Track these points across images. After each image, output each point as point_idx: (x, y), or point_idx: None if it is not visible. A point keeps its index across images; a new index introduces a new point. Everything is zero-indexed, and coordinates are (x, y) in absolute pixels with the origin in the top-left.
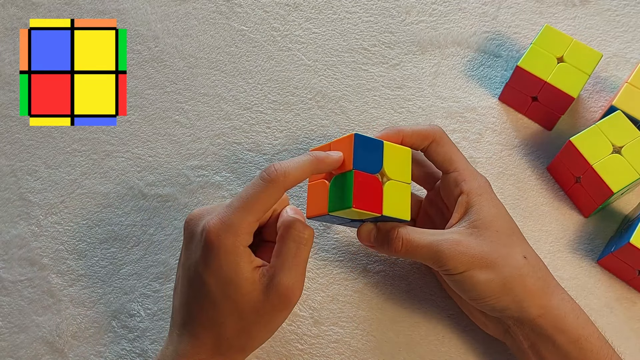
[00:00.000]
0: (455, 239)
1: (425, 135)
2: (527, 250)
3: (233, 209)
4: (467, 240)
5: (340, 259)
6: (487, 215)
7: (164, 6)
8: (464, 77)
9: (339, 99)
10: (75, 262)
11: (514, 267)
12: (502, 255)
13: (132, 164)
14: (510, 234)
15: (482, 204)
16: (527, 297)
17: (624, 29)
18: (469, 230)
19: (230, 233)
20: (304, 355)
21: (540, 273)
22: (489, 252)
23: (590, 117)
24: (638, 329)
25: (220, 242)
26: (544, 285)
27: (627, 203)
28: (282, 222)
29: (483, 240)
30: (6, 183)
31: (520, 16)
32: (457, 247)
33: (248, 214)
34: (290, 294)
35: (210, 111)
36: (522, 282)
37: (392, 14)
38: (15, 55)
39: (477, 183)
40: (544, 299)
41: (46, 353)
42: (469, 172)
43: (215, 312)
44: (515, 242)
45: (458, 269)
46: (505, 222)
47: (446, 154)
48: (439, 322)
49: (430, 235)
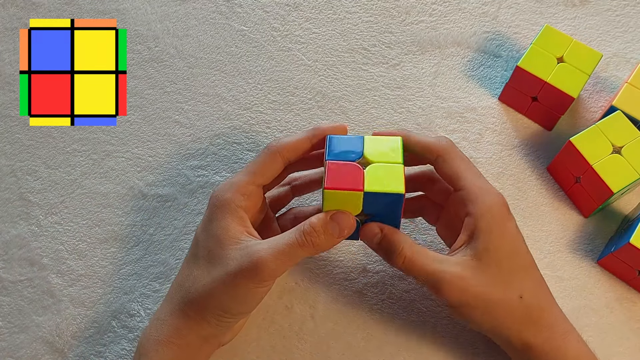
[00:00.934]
0: (458, 273)
1: (429, 148)
2: (526, 288)
3: (235, 174)
4: (468, 277)
5: (340, 259)
6: (492, 248)
7: (164, 6)
8: (464, 77)
9: (339, 99)
10: (75, 262)
11: (506, 308)
12: (497, 296)
13: (132, 164)
14: (512, 270)
15: (489, 233)
16: (513, 335)
17: (624, 29)
18: (472, 263)
19: (227, 191)
20: (304, 355)
21: (532, 312)
22: (486, 293)
23: (590, 117)
24: (638, 329)
25: (217, 200)
26: (534, 324)
27: (627, 203)
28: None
29: (483, 278)
30: (6, 183)
31: (520, 16)
32: (458, 282)
33: (245, 175)
34: (260, 264)
35: (210, 111)
36: (511, 321)
37: (392, 14)
38: (15, 55)
39: (486, 204)
40: (530, 336)
41: (46, 353)
42: (477, 191)
43: (191, 268)
44: (515, 280)
45: (454, 303)
46: (510, 256)
47: (453, 170)
48: (439, 322)
49: (433, 262)
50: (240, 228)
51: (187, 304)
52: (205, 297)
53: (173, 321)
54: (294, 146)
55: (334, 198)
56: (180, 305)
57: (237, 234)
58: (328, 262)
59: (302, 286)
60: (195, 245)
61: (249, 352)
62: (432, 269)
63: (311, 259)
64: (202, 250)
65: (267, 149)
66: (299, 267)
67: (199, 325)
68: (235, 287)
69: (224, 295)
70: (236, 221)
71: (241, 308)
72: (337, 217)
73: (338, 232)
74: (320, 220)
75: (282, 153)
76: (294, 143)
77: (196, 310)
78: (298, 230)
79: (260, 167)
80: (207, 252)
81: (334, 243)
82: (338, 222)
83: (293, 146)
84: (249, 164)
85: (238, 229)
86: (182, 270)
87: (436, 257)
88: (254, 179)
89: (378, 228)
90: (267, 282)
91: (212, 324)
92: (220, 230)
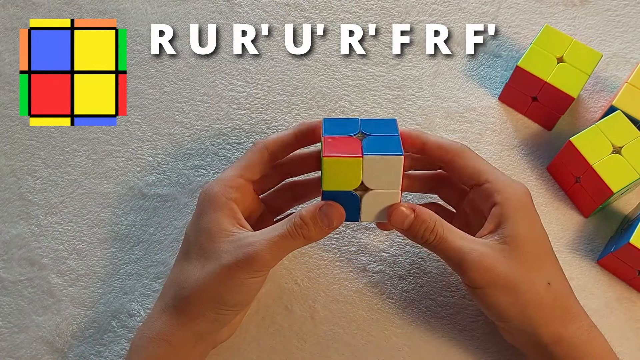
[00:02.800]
0: (484, 251)
1: (446, 148)
2: (553, 275)
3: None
4: (495, 257)
5: (340, 259)
6: (520, 233)
7: (164, 6)
8: (464, 77)
9: (339, 99)
10: (75, 262)
11: (535, 293)
12: (525, 280)
13: (132, 164)
14: (540, 257)
15: (516, 219)
16: (542, 324)
17: (624, 29)
18: (499, 246)
19: (215, 185)
20: (303, 355)
21: (561, 301)
22: (513, 275)
23: (590, 117)
24: (638, 329)
25: (206, 195)
26: (563, 313)
27: (627, 203)
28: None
29: (511, 260)
30: (6, 183)
31: (520, 16)
32: (483, 260)
33: (232, 170)
34: (255, 255)
35: (210, 111)
36: (541, 310)
37: (392, 14)
38: (15, 55)
39: (513, 194)
40: (560, 327)
41: (46, 353)
42: (503, 182)
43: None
44: (542, 266)
45: (478, 283)
46: (537, 242)
47: (474, 166)
48: (439, 322)
49: (460, 239)
50: (231, 220)
51: (181, 300)
52: (200, 292)
53: (165, 318)
54: (279, 140)
55: (333, 168)
56: (174, 302)
57: (228, 226)
58: (328, 262)
59: (302, 286)
60: (186, 242)
61: (249, 352)
62: (459, 245)
63: (311, 259)
64: (193, 247)
65: (254, 145)
66: (299, 267)
67: (192, 321)
68: (231, 279)
69: (219, 288)
70: (227, 214)
71: (238, 299)
72: (326, 209)
73: (327, 223)
74: (309, 213)
75: (269, 148)
76: (279, 138)
77: (190, 306)
78: (289, 221)
79: (247, 162)
80: (198, 247)
81: (326, 233)
82: (327, 214)
83: (279, 141)
84: (236, 161)
85: (229, 221)
86: (174, 268)
87: (464, 235)
88: (241, 172)
89: (409, 209)
90: (262, 272)
91: (208, 318)
92: (211, 224)
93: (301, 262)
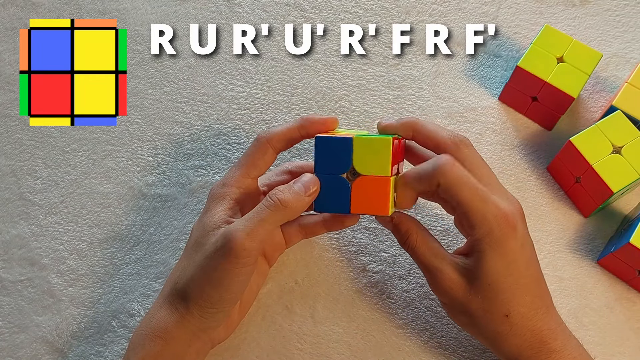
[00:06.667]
0: (448, 274)
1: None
2: (514, 308)
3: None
4: (458, 281)
5: (340, 259)
6: (487, 269)
7: (164, 6)
8: (464, 77)
9: (339, 99)
10: (75, 262)
11: (489, 321)
12: (481, 310)
13: (132, 164)
14: (502, 290)
15: (488, 257)
16: (499, 349)
17: (624, 29)
18: (464, 271)
19: (223, 185)
20: (303, 355)
21: (520, 330)
22: (470, 301)
23: (590, 117)
24: (638, 329)
25: (212, 193)
26: (520, 343)
27: (627, 203)
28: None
29: (470, 290)
30: (6, 183)
31: (520, 16)
32: (446, 282)
33: (238, 169)
34: (231, 239)
35: (210, 111)
36: (501, 338)
37: (392, 14)
38: (15, 55)
39: (490, 229)
40: (516, 355)
41: (46, 353)
42: (482, 214)
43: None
44: (503, 300)
45: (442, 300)
46: (505, 277)
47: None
48: (439, 322)
49: (431, 256)
50: (225, 215)
51: (175, 296)
52: (189, 287)
53: (160, 315)
54: (283, 136)
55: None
56: (170, 298)
57: (220, 221)
58: (328, 262)
59: (302, 286)
60: (188, 239)
61: (248, 352)
62: (429, 262)
63: (311, 259)
64: (190, 241)
65: (257, 140)
66: (299, 267)
67: (184, 318)
68: (214, 270)
69: (204, 282)
70: (224, 211)
71: (221, 295)
72: (300, 177)
73: (303, 188)
74: (284, 183)
75: (272, 143)
76: (283, 132)
77: (182, 302)
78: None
79: (252, 159)
80: (193, 241)
81: (304, 202)
82: (300, 179)
83: (282, 136)
84: (241, 157)
85: (222, 216)
86: (175, 265)
87: (438, 251)
88: (248, 171)
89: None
90: (244, 261)
91: (195, 315)
92: (207, 219)
93: (301, 262)
